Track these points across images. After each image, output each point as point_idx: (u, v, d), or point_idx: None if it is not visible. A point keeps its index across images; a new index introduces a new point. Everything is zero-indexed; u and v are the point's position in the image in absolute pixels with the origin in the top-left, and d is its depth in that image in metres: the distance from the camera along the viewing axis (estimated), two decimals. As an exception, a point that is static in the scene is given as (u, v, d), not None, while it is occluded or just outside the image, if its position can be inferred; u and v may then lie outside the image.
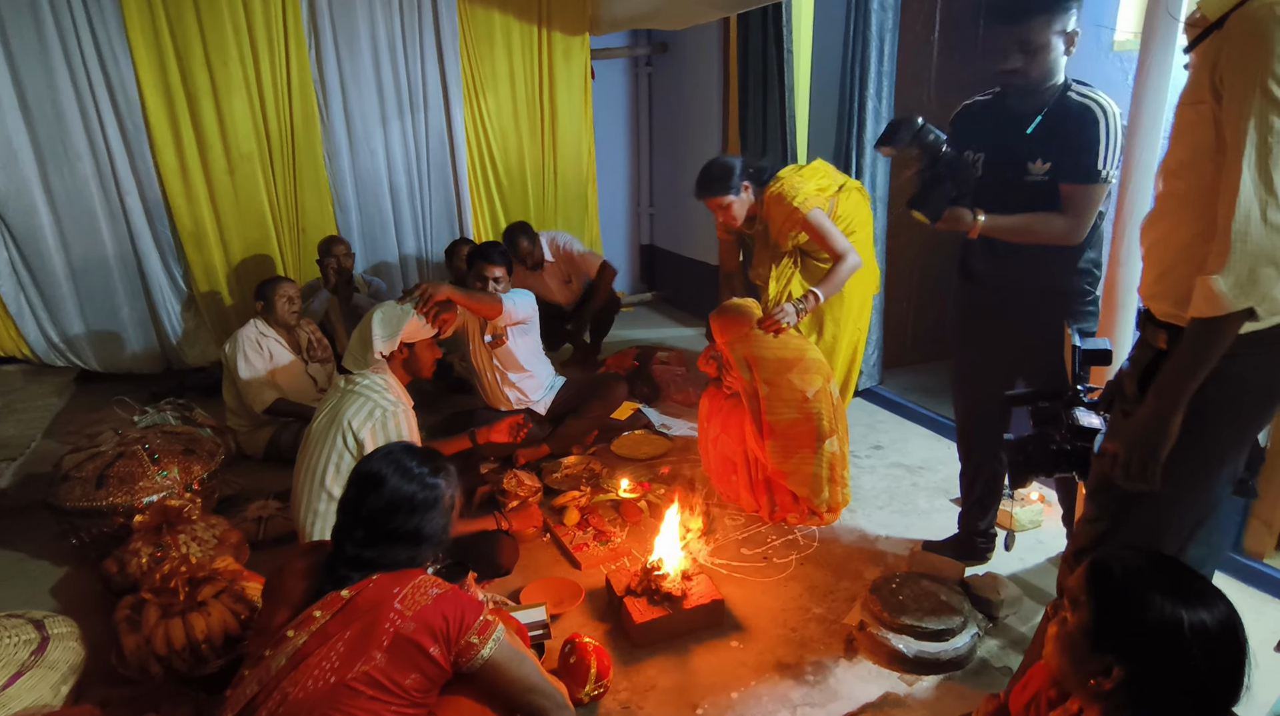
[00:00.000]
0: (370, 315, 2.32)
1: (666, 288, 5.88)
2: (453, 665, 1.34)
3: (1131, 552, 1.12)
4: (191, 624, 1.89)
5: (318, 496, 2.16)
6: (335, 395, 2.26)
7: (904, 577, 2.28)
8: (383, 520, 1.43)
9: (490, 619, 1.39)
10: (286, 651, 1.31)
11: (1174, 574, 1.06)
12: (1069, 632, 1.12)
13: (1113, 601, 1.06)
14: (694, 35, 4.86)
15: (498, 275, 3.18)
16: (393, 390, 2.25)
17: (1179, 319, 1.35)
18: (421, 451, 1.56)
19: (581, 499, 2.87)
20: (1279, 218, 1.19)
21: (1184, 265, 1.34)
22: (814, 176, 2.89)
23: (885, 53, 3.42)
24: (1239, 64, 1.21)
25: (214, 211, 4.10)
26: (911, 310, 4.19)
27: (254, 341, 3.34)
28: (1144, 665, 1.02)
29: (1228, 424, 1.38)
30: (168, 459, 2.58)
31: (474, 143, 4.69)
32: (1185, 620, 1.00)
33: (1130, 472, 1.37)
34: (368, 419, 2.14)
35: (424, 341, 2.41)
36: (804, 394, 2.62)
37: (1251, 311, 1.23)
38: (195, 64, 3.87)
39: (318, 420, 2.25)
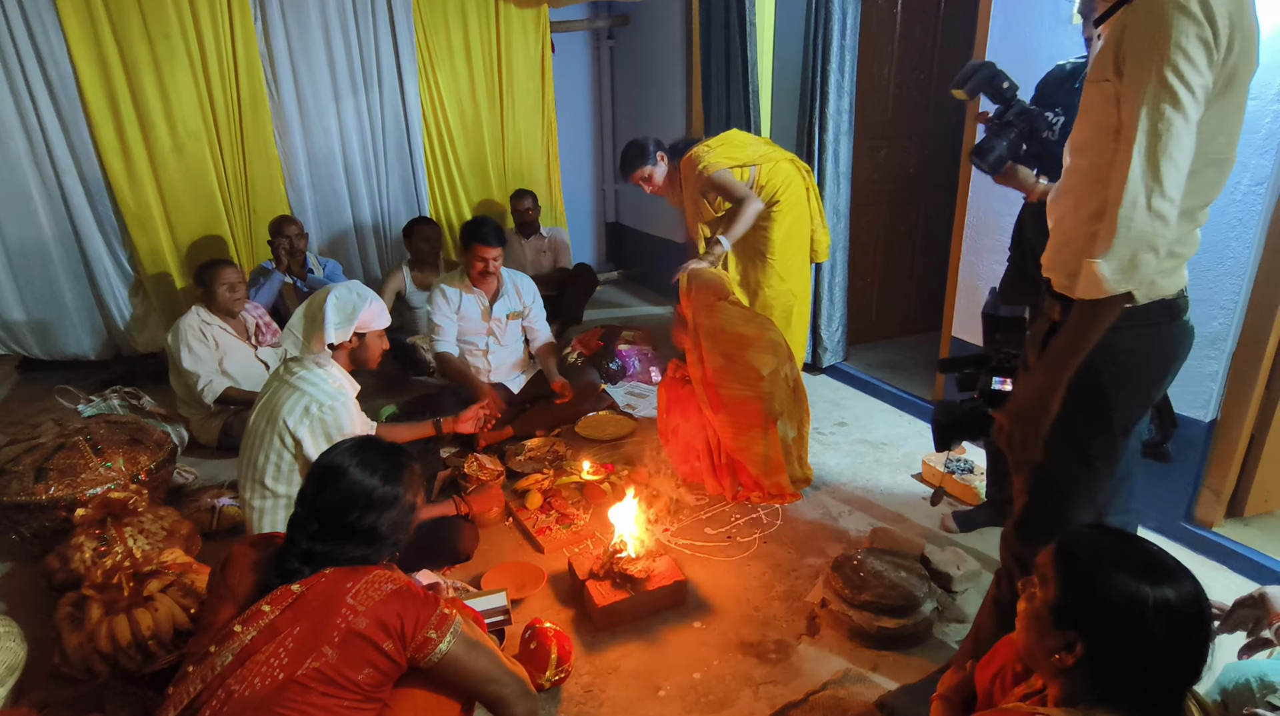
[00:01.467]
0: (321, 298, 2.15)
1: (632, 265, 5.82)
2: (409, 660, 1.31)
3: (1100, 531, 1.12)
4: (137, 620, 1.83)
5: (259, 493, 2.09)
6: (273, 384, 2.14)
7: (865, 554, 2.30)
8: (338, 514, 1.38)
9: (447, 612, 1.35)
10: (232, 648, 1.26)
11: (1140, 552, 1.05)
12: (1035, 608, 1.12)
13: (1077, 577, 1.06)
14: (655, 7, 4.77)
15: (494, 256, 3.16)
16: (333, 381, 2.12)
17: (1071, 291, 1.38)
18: (385, 447, 1.50)
19: (544, 481, 2.84)
20: (1163, 205, 1.21)
21: (1080, 240, 1.37)
22: (722, 146, 3.15)
23: (848, 26, 3.38)
24: (1139, 47, 1.21)
25: (159, 191, 3.94)
26: (875, 287, 4.20)
27: (197, 330, 3.19)
28: (1105, 641, 1.02)
29: (1128, 395, 1.44)
30: (111, 449, 2.48)
31: (430, 118, 4.56)
32: (1149, 597, 0.99)
33: (1013, 444, 1.39)
34: (304, 416, 2.02)
35: (376, 332, 2.26)
36: (758, 372, 2.62)
37: (1130, 294, 1.27)
38: (133, 36, 3.69)
39: (254, 414, 2.14)
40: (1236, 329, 2.25)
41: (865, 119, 3.74)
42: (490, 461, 2.93)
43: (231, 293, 3.25)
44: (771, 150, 3.21)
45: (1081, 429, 1.44)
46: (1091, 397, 1.42)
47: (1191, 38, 1.17)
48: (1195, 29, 1.17)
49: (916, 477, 2.95)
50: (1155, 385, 1.46)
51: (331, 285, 2.18)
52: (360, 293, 2.19)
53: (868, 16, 3.55)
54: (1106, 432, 1.47)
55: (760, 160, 3.14)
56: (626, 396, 3.76)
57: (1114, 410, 1.45)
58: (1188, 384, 2.34)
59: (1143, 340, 1.39)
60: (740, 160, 3.12)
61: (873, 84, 3.77)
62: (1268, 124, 2.07)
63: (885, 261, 4.17)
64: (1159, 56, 1.18)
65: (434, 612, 1.33)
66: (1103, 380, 1.41)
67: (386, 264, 4.67)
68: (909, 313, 4.33)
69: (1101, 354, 1.37)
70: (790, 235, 3.19)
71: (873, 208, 3.97)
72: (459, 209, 4.80)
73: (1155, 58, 1.18)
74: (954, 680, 1.50)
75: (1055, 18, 2.51)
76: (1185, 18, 1.17)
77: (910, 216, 4.13)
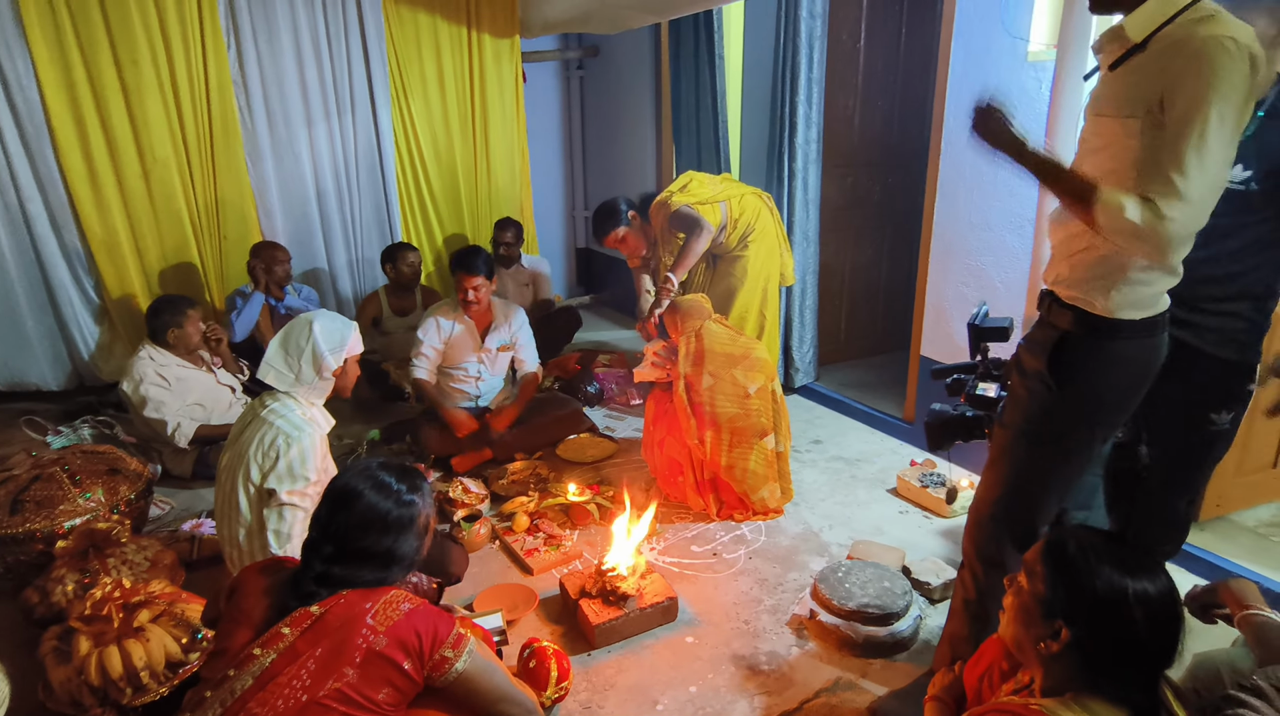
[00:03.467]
0: (303, 329, 2.11)
1: (604, 290, 5.90)
2: (426, 679, 1.33)
3: (1086, 530, 1.21)
4: (129, 651, 1.80)
5: (240, 532, 2.05)
6: (246, 419, 2.11)
7: (849, 566, 2.37)
8: (354, 538, 1.39)
9: (463, 632, 1.38)
10: (252, 671, 1.27)
11: (1122, 549, 1.16)
12: (1023, 601, 1.21)
13: (1065, 570, 1.16)
14: (626, 40, 4.90)
15: (478, 284, 3.19)
16: (304, 412, 2.10)
17: (1085, 303, 1.51)
18: (399, 468, 1.51)
19: (530, 504, 2.86)
20: (1175, 209, 1.30)
21: (1091, 254, 1.49)
22: (685, 188, 3.32)
23: (814, 59, 3.54)
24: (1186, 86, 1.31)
25: (127, 218, 3.88)
26: (844, 308, 4.34)
27: (153, 375, 3.07)
28: (1090, 628, 1.11)
29: (1118, 398, 1.59)
30: (90, 480, 2.44)
31: (403, 146, 4.60)
32: (1130, 588, 1.09)
33: (981, 125, 1.49)
34: (271, 448, 2.00)
35: (355, 356, 2.25)
36: (746, 390, 2.71)
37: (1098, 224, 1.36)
38: (102, 63, 3.66)
39: (226, 454, 2.10)
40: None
41: (832, 148, 3.90)
42: (475, 484, 2.94)
43: (191, 335, 3.16)
44: (735, 186, 3.41)
45: (1068, 425, 1.58)
46: (1086, 397, 1.56)
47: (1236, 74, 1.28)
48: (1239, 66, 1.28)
49: (891, 492, 3.04)
50: (1141, 392, 1.60)
51: (308, 315, 2.15)
52: (342, 320, 2.20)
53: (833, 50, 3.72)
54: (1089, 431, 1.61)
55: (728, 196, 3.30)
56: (605, 418, 3.81)
57: (1103, 411, 1.58)
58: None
59: (1143, 350, 1.53)
60: (706, 198, 3.27)
61: (839, 114, 3.93)
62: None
63: (853, 284, 4.31)
64: (1207, 92, 1.28)
65: (451, 631, 1.36)
66: (1100, 384, 1.54)
67: (359, 291, 4.65)
68: (877, 333, 4.48)
69: (1106, 361, 1.52)
70: (763, 264, 3.39)
71: (841, 232, 4.12)
72: (432, 236, 4.83)
73: (1204, 93, 1.28)
74: (945, 681, 1.57)
75: (1013, 55, 2.68)
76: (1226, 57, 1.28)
77: (877, 240, 4.29)
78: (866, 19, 3.89)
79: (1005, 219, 2.86)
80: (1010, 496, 1.69)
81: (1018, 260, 2.84)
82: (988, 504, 1.72)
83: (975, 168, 2.93)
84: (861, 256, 4.28)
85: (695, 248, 3.18)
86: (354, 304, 4.61)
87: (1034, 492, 1.68)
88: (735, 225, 3.33)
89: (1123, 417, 1.65)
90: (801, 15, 3.45)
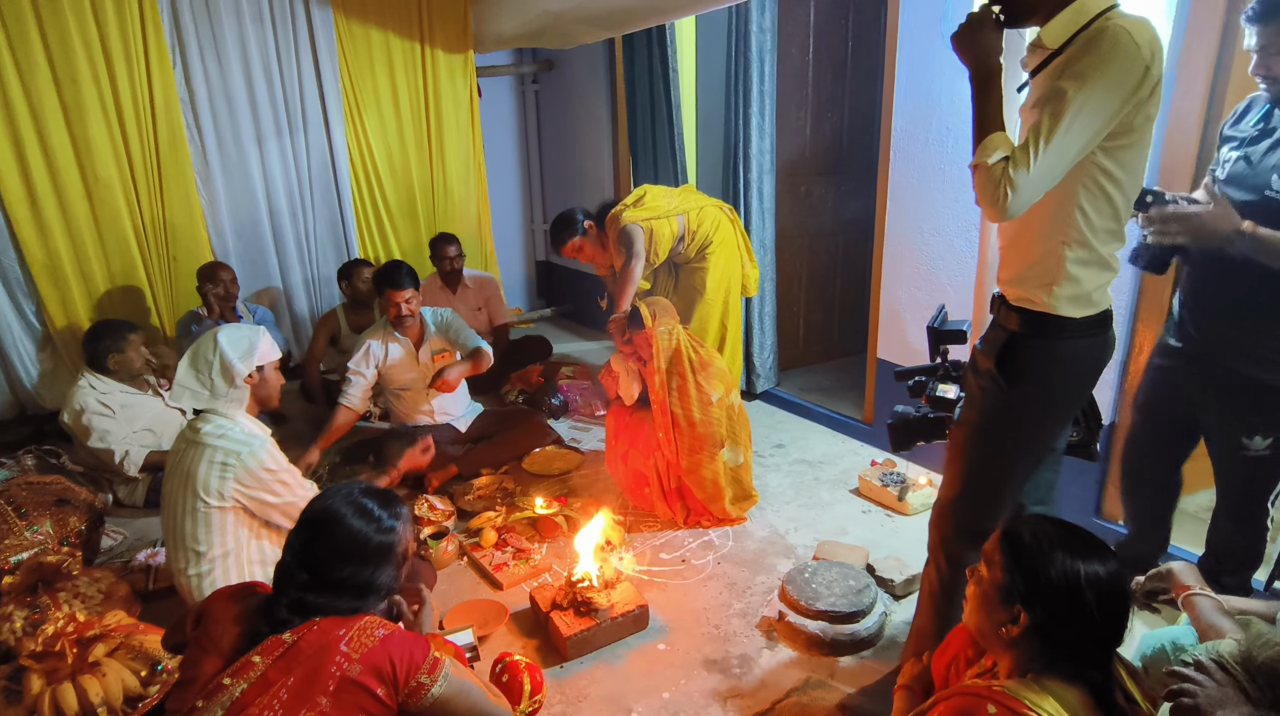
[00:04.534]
0: (206, 343, 2.04)
1: (565, 303, 5.90)
2: (401, 705, 1.32)
3: (1039, 519, 1.27)
4: (84, 687, 1.74)
5: (193, 561, 1.98)
6: (180, 446, 2.03)
7: (814, 567, 2.41)
8: (332, 568, 1.36)
9: (438, 656, 1.37)
10: (222, 702, 1.24)
11: (1073, 536, 1.22)
12: (984, 589, 1.26)
13: (1021, 557, 1.21)
14: (580, 54, 4.94)
15: (408, 298, 3.15)
16: (241, 427, 2.04)
17: (1030, 303, 1.59)
18: (380, 494, 1.48)
19: (497, 519, 2.84)
20: (1019, 176, 1.38)
21: (1031, 253, 1.57)
22: (639, 202, 3.35)
23: (766, 73, 3.62)
24: (1076, 66, 1.39)
25: (70, 241, 3.76)
26: (801, 314, 4.42)
27: (95, 404, 2.98)
28: (1047, 611, 1.17)
29: (1069, 393, 1.67)
30: (37, 512, 2.35)
31: (358, 162, 4.55)
32: (1082, 571, 1.16)
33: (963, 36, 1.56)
34: (224, 471, 1.93)
35: (273, 363, 2.15)
36: (709, 397, 2.74)
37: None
38: (40, 81, 3.56)
39: (169, 482, 2.03)
40: (1126, 340, 2.52)
41: (786, 158, 3.99)
42: (441, 501, 2.92)
43: (134, 361, 3.07)
44: (694, 198, 3.44)
45: (1020, 422, 1.66)
46: (1035, 395, 1.63)
47: (1123, 66, 1.35)
48: (1130, 61, 1.36)
49: (854, 492, 3.11)
50: (1089, 387, 1.69)
51: (213, 329, 2.09)
52: (247, 328, 2.13)
53: (783, 64, 3.81)
54: (1040, 428, 1.68)
55: (685, 209, 3.35)
56: (570, 431, 3.81)
57: (1052, 408, 1.66)
58: (1088, 391, 2.59)
59: (1088, 348, 1.61)
60: (660, 212, 3.30)
61: (791, 126, 4.02)
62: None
63: (810, 290, 4.40)
64: (1091, 73, 1.36)
65: (426, 656, 1.35)
66: (1047, 382, 1.62)
67: (316, 308, 4.58)
68: (835, 338, 4.57)
69: (1053, 360, 1.60)
70: (723, 274, 3.43)
71: (796, 240, 4.20)
72: (389, 253, 4.78)
73: (1087, 74, 1.36)
74: (914, 670, 1.61)
75: (955, 66, 2.78)
76: (1119, 47, 1.35)
77: (831, 248, 4.39)
78: (814, 33, 3.99)
79: (953, 224, 2.96)
80: (968, 492, 1.76)
81: (966, 264, 2.94)
82: (948, 500, 1.79)
83: (921, 175, 3.03)
84: (817, 263, 4.37)
85: (632, 274, 3.22)
86: (311, 323, 4.54)
87: (991, 488, 1.75)
88: (693, 237, 3.38)
89: (1072, 414, 1.73)
90: (752, 30, 3.53)
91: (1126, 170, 1.48)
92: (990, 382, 1.66)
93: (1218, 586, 1.78)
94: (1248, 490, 1.98)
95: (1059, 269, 1.53)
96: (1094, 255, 1.53)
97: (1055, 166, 1.40)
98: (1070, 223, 1.51)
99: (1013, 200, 1.40)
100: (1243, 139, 1.87)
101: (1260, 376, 1.87)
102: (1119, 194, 1.50)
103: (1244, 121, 1.90)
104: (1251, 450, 1.91)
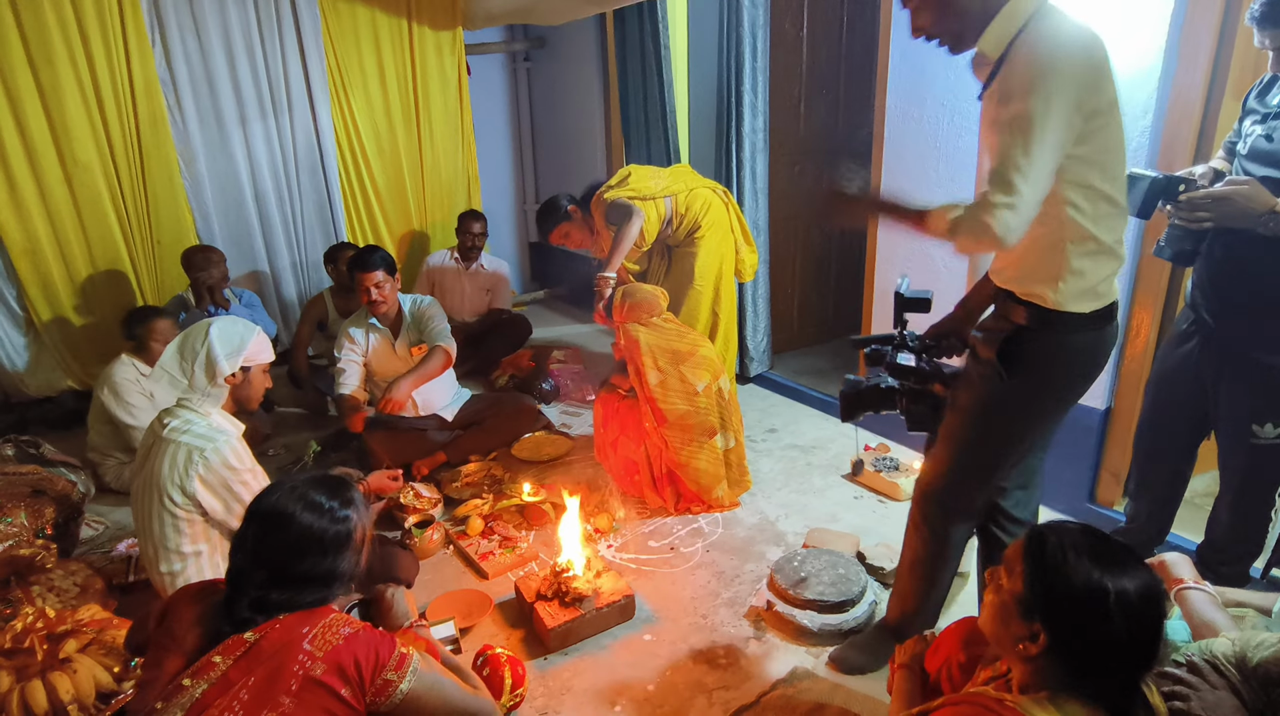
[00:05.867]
0: (200, 333, 1.97)
1: (557, 285, 5.83)
2: (368, 705, 1.28)
3: (1066, 526, 1.15)
4: (54, 684, 1.71)
5: (167, 558, 1.92)
6: (148, 441, 1.97)
7: (804, 555, 2.38)
8: (290, 563, 1.32)
9: (405, 651, 1.33)
10: (182, 703, 1.20)
11: (1102, 546, 1.10)
12: (1002, 599, 1.16)
13: (1044, 570, 1.10)
14: (572, 30, 4.83)
15: (378, 280, 3.06)
16: (209, 422, 1.96)
17: (1038, 298, 1.57)
18: (329, 482, 1.44)
19: (484, 506, 2.80)
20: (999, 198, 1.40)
21: (1033, 250, 1.56)
22: (624, 182, 3.25)
23: (758, 48, 3.52)
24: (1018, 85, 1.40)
25: (50, 225, 3.69)
26: (795, 297, 4.36)
27: (132, 382, 2.99)
28: (1068, 631, 1.07)
29: (1073, 384, 1.66)
30: (11, 503, 2.31)
31: (344, 143, 4.46)
32: (1109, 589, 1.04)
33: (829, 207, 1.70)
34: (187, 469, 1.85)
35: (261, 366, 2.08)
36: (693, 388, 2.69)
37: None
38: (15, 65, 3.46)
39: (137, 478, 1.97)
40: (1122, 324, 2.46)
41: (779, 137, 3.90)
42: (427, 489, 2.88)
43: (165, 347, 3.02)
44: (685, 179, 3.31)
45: (1018, 413, 1.66)
46: (1036, 388, 1.63)
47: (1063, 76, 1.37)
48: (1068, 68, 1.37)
49: (847, 478, 3.07)
50: (1091, 379, 1.67)
51: (209, 319, 2.03)
52: (245, 324, 2.07)
53: (776, 40, 3.71)
54: (1037, 419, 1.69)
55: (674, 191, 3.23)
56: (561, 416, 3.76)
57: (1051, 401, 1.66)
58: (1084, 375, 2.53)
59: (1094, 342, 1.60)
60: (645, 193, 3.19)
61: (785, 104, 3.93)
62: (1137, 138, 2.28)
63: (804, 272, 4.33)
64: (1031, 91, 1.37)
65: (392, 653, 1.31)
66: (1050, 376, 1.62)
67: (304, 293, 4.52)
68: (829, 320, 4.51)
69: (1058, 354, 1.59)
70: (715, 258, 3.30)
71: (790, 221, 4.13)
72: (378, 234, 4.70)
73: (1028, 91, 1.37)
74: (915, 648, 1.57)
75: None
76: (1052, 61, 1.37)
77: (825, 229, 4.31)
78: (809, 7, 3.89)
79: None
80: (956, 475, 1.77)
81: (961, 245, 2.87)
82: (936, 477, 1.81)
83: (918, 155, 2.95)
84: (811, 245, 4.29)
85: (627, 234, 3.09)
86: (298, 307, 4.47)
87: (979, 474, 1.76)
88: (681, 220, 3.27)
89: (1069, 406, 1.70)
90: (744, 3, 3.43)
91: (1106, 150, 1.47)
92: (991, 372, 1.65)
93: (1215, 576, 1.74)
94: (1254, 479, 1.94)
95: (1063, 265, 1.52)
96: (1099, 245, 1.52)
97: (1041, 181, 1.41)
98: (1065, 219, 1.50)
99: (1013, 224, 1.40)
100: (1266, 114, 1.82)
101: (1276, 363, 1.82)
102: (1104, 177, 1.48)
103: (1269, 95, 1.84)
104: (1262, 438, 1.87)
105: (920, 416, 1.85)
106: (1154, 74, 2.22)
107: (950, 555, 1.88)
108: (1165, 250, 1.94)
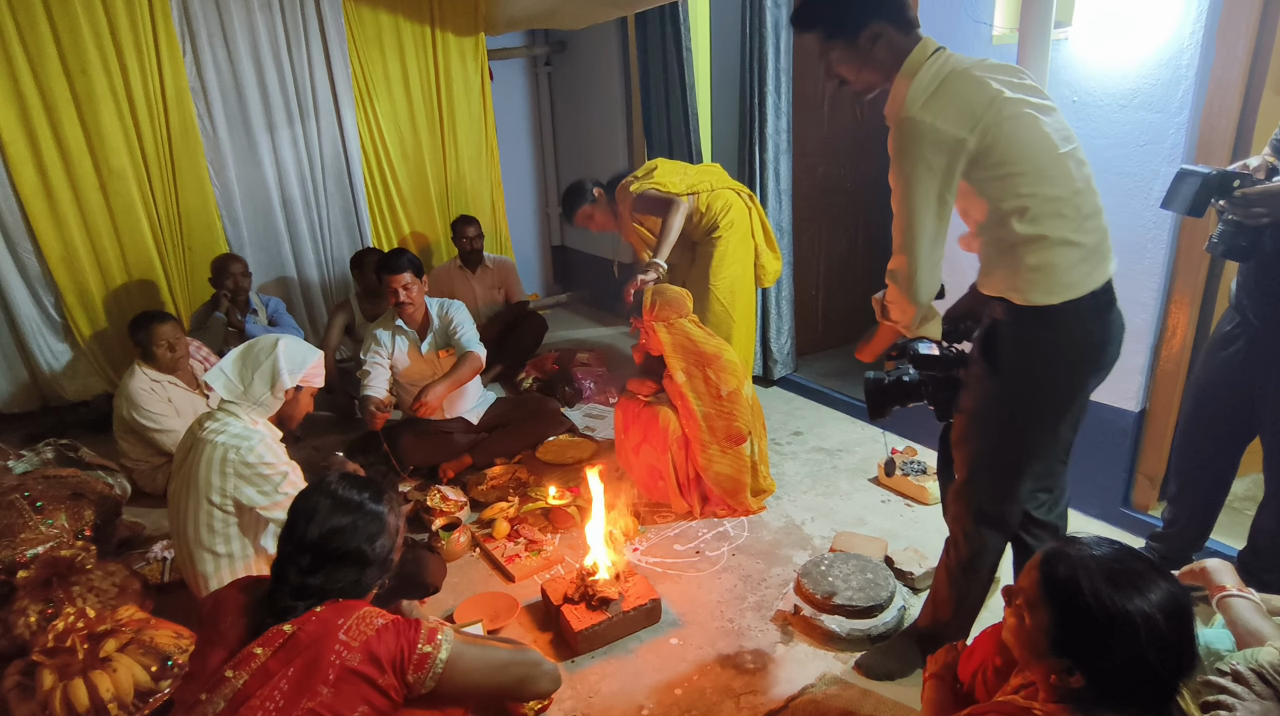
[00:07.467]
0: (268, 345, 2.09)
1: (581, 288, 5.85)
2: (409, 687, 1.30)
3: (1078, 549, 1.11)
4: (95, 683, 1.75)
5: (201, 559, 2.00)
6: (186, 443, 2.05)
7: (831, 560, 2.36)
8: (327, 540, 1.37)
9: (434, 626, 1.37)
10: (225, 694, 1.23)
11: (1119, 566, 1.07)
12: (1029, 632, 1.13)
13: (1067, 611, 1.08)
14: (593, 34, 4.85)
15: (406, 283, 3.10)
16: (245, 423, 2.04)
17: (1006, 296, 1.60)
18: (360, 478, 1.50)
19: (510, 509, 2.82)
20: (897, 265, 1.60)
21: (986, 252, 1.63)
22: (650, 174, 3.25)
23: (781, 48, 3.51)
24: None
25: (86, 232, 3.78)
26: (820, 299, 4.33)
27: (148, 391, 3.01)
28: (1103, 663, 1.05)
29: (1049, 386, 1.64)
30: (53, 506, 2.36)
31: (369, 148, 4.52)
32: (1136, 619, 1.02)
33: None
34: (224, 466, 1.95)
35: (311, 390, 2.20)
36: (719, 391, 2.68)
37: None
38: (51, 73, 3.55)
39: (174, 481, 2.05)
40: (1157, 323, 2.41)
41: (802, 138, 3.87)
42: (453, 492, 2.90)
43: (171, 352, 3.04)
44: (710, 179, 3.29)
45: (1011, 409, 1.67)
46: (1020, 382, 1.63)
47: (922, 148, 1.48)
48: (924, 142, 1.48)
49: (873, 481, 3.04)
50: (1082, 373, 1.65)
51: (277, 335, 2.14)
52: (309, 346, 2.19)
53: (799, 39, 3.69)
54: (1035, 414, 1.67)
55: (697, 189, 3.22)
56: (585, 418, 3.77)
57: (1040, 395, 1.64)
58: (1117, 377, 2.46)
59: (1073, 333, 1.59)
60: (669, 189, 3.19)
61: (808, 104, 3.91)
62: (1173, 134, 2.24)
63: (828, 274, 4.30)
64: (897, 168, 1.52)
65: (421, 631, 1.34)
66: (1029, 369, 1.62)
67: (330, 298, 4.58)
68: (854, 322, 4.47)
69: (1032, 347, 1.60)
70: (731, 261, 3.27)
71: (814, 223, 4.10)
72: (403, 239, 4.76)
73: (896, 168, 1.52)
74: (946, 658, 1.55)
75: (977, 38, 2.67)
76: (911, 136, 1.49)
77: (850, 229, 4.28)
78: (832, 6, 3.85)
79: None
80: (977, 477, 1.77)
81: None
82: (960, 483, 1.80)
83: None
84: (836, 246, 4.26)
85: (673, 223, 3.11)
86: (325, 312, 4.53)
87: (995, 475, 1.75)
88: (701, 218, 3.25)
89: (1070, 401, 1.67)
90: (766, 3, 3.42)
91: (1017, 160, 1.48)
92: (980, 371, 1.67)
93: (1258, 584, 1.69)
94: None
95: (1019, 265, 1.54)
96: (1051, 240, 1.51)
97: (928, 236, 1.53)
98: (1009, 228, 1.52)
99: (919, 282, 1.56)
100: None
101: None
102: (1030, 180, 1.49)
103: None
104: None
105: (949, 403, 1.84)
106: (1190, 68, 2.17)
107: (981, 564, 1.84)
108: (1218, 247, 1.85)
